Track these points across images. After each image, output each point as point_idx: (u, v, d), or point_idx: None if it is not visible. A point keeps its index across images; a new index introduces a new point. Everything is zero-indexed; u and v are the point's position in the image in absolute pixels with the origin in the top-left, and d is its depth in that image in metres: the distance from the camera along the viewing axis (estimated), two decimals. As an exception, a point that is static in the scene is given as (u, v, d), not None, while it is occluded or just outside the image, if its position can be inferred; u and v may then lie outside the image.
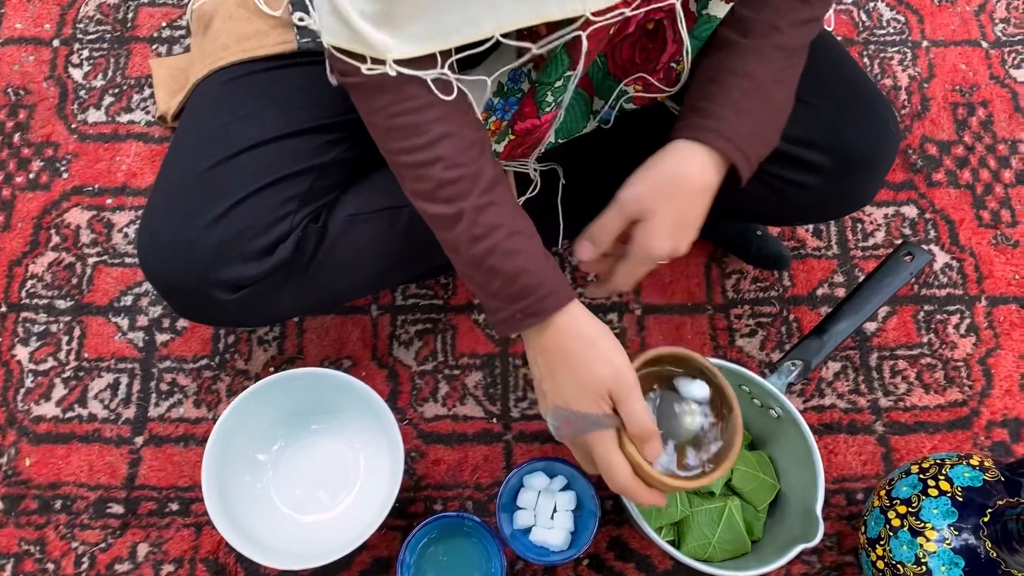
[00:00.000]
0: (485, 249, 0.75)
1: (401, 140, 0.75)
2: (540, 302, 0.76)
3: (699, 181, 0.81)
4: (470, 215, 0.75)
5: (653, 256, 0.81)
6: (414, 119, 0.74)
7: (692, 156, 0.81)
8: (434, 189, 0.75)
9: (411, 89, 0.74)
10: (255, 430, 1.02)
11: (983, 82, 1.34)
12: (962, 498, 0.89)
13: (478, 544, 1.01)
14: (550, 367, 0.78)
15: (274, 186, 0.88)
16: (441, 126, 0.75)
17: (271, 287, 0.89)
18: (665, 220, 0.80)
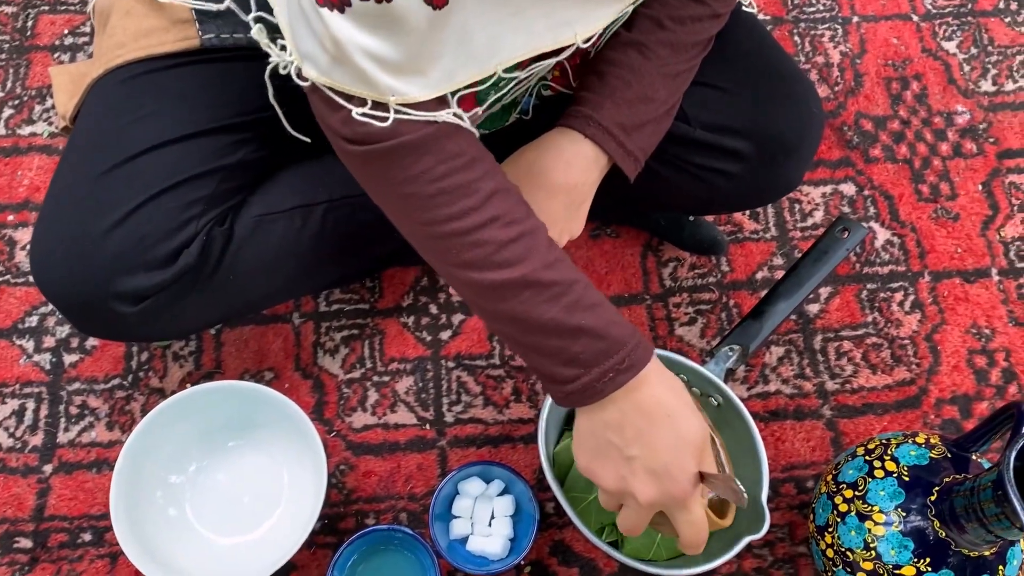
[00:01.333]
0: (566, 308, 0.67)
1: (451, 205, 0.66)
2: (634, 352, 0.68)
3: (561, 176, 0.78)
4: (542, 273, 0.67)
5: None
6: (463, 178, 0.66)
7: (561, 147, 0.78)
8: (492, 254, 0.66)
9: (453, 145, 0.66)
10: (167, 451, 0.96)
11: (915, 55, 1.31)
12: (908, 477, 0.85)
13: (412, 558, 0.96)
14: (645, 427, 0.69)
15: (176, 189, 0.83)
16: (490, 182, 0.67)
17: (176, 297, 0.84)
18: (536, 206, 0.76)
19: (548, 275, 0.67)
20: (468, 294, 0.70)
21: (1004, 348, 1.13)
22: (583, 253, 1.16)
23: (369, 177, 0.70)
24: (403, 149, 0.65)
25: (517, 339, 0.70)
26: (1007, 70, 1.31)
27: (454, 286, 0.72)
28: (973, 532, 0.78)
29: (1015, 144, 1.25)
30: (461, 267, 0.67)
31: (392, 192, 0.68)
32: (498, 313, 0.68)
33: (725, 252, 1.16)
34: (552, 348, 0.68)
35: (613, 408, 0.69)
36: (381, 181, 0.68)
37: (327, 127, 0.69)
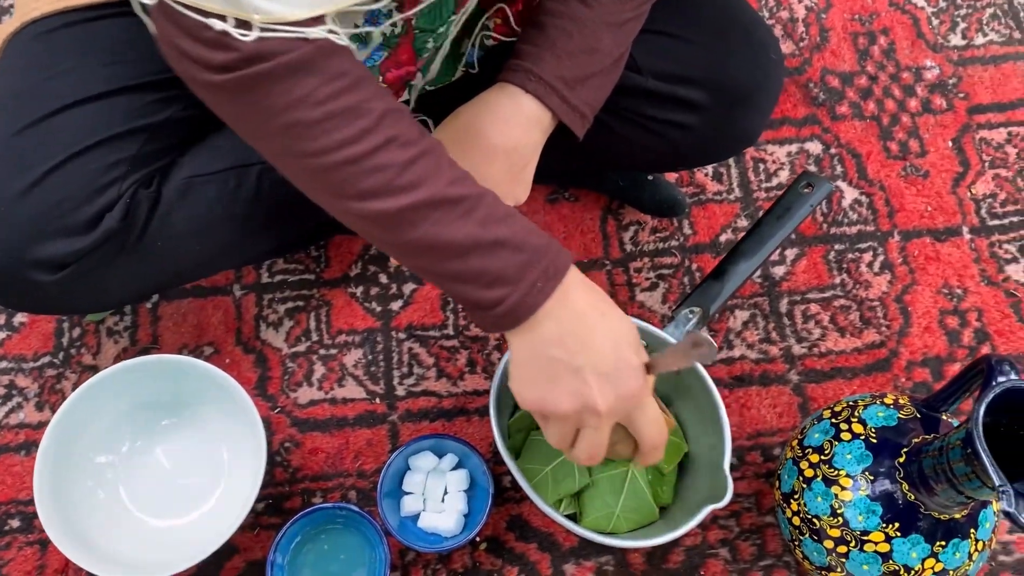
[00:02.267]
0: (480, 222, 0.61)
1: (342, 129, 0.59)
2: (557, 258, 0.63)
3: (499, 137, 0.73)
4: (450, 188, 0.61)
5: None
6: (352, 99, 0.59)
7: (499, 105, 0.74)
8: (394, 178, 0.60)
9: (337, 64, 0.59)
10: (97, 430, 0.91)
11: (883, 9, 1.27)
12: (876, 439, 0.81)
13: (359, 537, 0.91)
14: (584, 332, 0.65)
15: (97, 149, 0.77)
16: (380, 102, 0.60)
17: (100, 264, 0.79)
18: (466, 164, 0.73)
19: (456, 190, 0.61)
20: (373, 228, 0.63)
21: (976, 308, 1.09)
22: (540, 218, 1.11)
23: (241, 111, 0.60)
24: (281, 71, 0.57)
25: (435, 270, 0.64)
26: (977, 23, 1.27)
27: (355, 224, 0.64)
28: (943, 494, 0.74)
29: (985, 99, 1.21)
30: (361, 198, 0.60)
31: (271, 124, 0.59)
32: (410, 244, 0.62)
33: (686, 213, 1.11)
34: (474, 270, 0.62)
35: (548, 322, 0.64)
36: (257, 113, 0.59)
37: (182, 56, 0.59)
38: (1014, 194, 1.16)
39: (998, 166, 1.17)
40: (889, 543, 0.78)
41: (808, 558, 0.84)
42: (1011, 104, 1.21)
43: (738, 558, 0.96)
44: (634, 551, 0.96)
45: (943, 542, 0.77)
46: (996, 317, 1.08)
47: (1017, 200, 1.15)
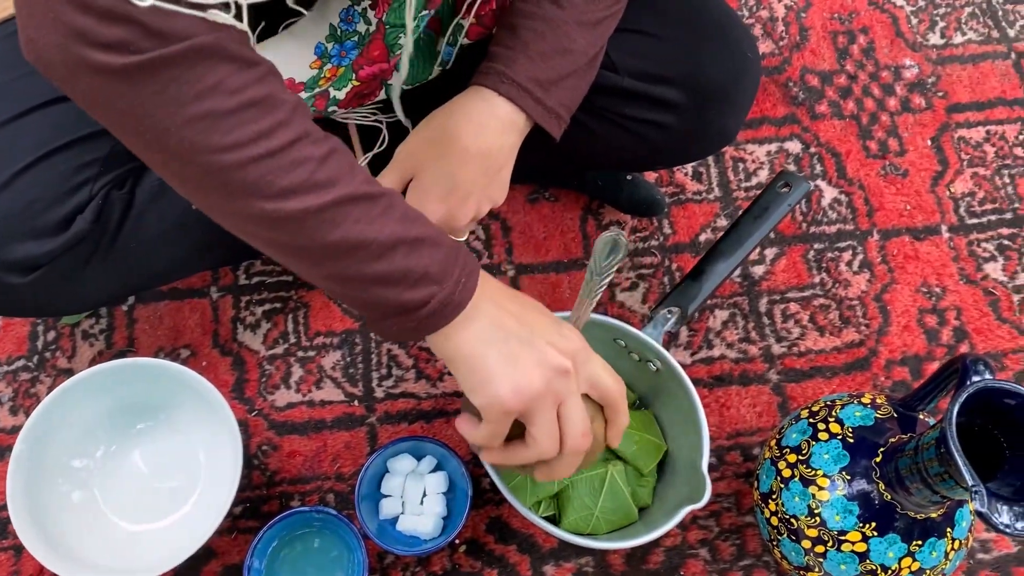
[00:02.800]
0: (400, 220, 0.58)
1: (260, 121, 0.53)
2: (466, 254, 0.62)
3: (474, 140, 0.73)
4: (367, 187, 0.58)
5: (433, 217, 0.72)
6: (266, 89, 0.54)
7: (473, 109, 0.73)
8: (313, 173, 0.55)
9: (249, 51, 0.54)
10: (71, 434, 0.90)
11: (862, 8, 1.27)
12: (853, 439, 0.81)
13: (337, 540, 0.90)
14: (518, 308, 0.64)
15: (68, 149, 0.76)
16: (290, 94, 0.56)
17: (72, 266, 0.78)
18: (435, 182, 0.74)
19: (374, 188, 0.58)
20: (288, 232, 0.56)
21: (955, 306, 1.09)
22: (520, 218, 1.11)
23: (140, 103, 0.52)
24: (193, 54, 0.51)
25: (355, 273, 0.58)
26: (955, 22, 1.27)
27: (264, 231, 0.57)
28: (919, 493, 0.74)
29: (964, 98, 1.22)
30: (281, 196, 0.54)
31: (178, 116, 0.52)
32: (330, 247, 0.57)
33: (665, 212, 1.11)
34: (399, 270, 0.58)
35: (481, 313, 0.62)
36: (163, 104, 0.52)
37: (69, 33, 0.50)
38: (992, 193, 1.16)
39: (976, 165, 1.18)
40: (866, 543, 0.78)
41: (787, 558, 0.84)
42: (989, 103, 1.22)
43: (718, 558, 0.96)
44: (614, 552, 0.96)
45: (920, 541, 0.77)
46: (975, 316, 1.09)
47: (995, 199, 1.16)
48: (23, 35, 0.53)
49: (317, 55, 0.81)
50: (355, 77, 0.83)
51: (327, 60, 0.82)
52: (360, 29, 0.79)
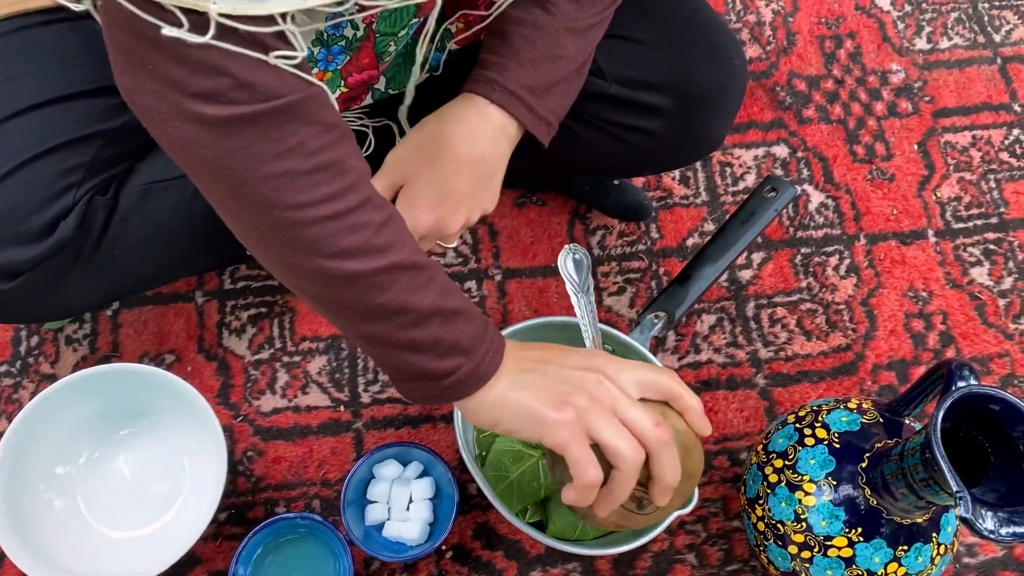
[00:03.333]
0: (440, 291, 0.60)
1: (329, 184, 0.56)
2: (493, 329, 0.64)
3: (466, 148, 0.72)
4: (416, 257, 0.60)
5: (416, 230, 0.71)
6: (338, 153, 0.56)
7: (465, 116, 0.73)
8: (371, 238, 0.57)
9: (329, 113, 0.56)
10: (54, 440, 0.89)
11: (849, 13, 1.27)
12: (839, 444, 0.81)
13: (323, 547, 0.90)
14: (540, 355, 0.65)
15: (52, 155, 0.76)
16: (359, 160, 0.59)
17: (56, 272, 0.77)
18: (426, 189, 0.73)
19: (421, 258, 0.60)
20: (341, 290, 0.59)
21: (942, 311, 1.09)
22: (508, 222, 1.11)
23: (224, 155, 0.54)
24: (282, 114, 0.53)
25: (391, 337, 0.60)
26: (942, 27, 1.27)
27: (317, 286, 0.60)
28: (904, 499, 0.74)
29: (951, 103, 1.22)
30: (339, 256, 0.57)
31: (258, 171, 0.54)
32: (375, 309, 0.59)
33: (652, 217, 1.11)
34: (432, 338, 0.60)
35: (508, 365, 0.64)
36: (246, 158, 0.54)
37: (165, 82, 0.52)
38: (978, 197, 1.16)
39: (963, 169, 1.18)
40: (852, 548, 0.78)
41: (773, 563, 0.84)
42: (975, 108, 1.22)
43: (705, 563, 0.96)
44: (601, 558, 0.95)
45: (905, 546, 0.77)
46: (961, 320, 1.09)
47: (981, 203, 1.16)
48: (119, 81, 0.55)
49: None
50: (343, 84, 0.83)
51: (314, 65, 0.81)
52: (347, 34, 0.79)
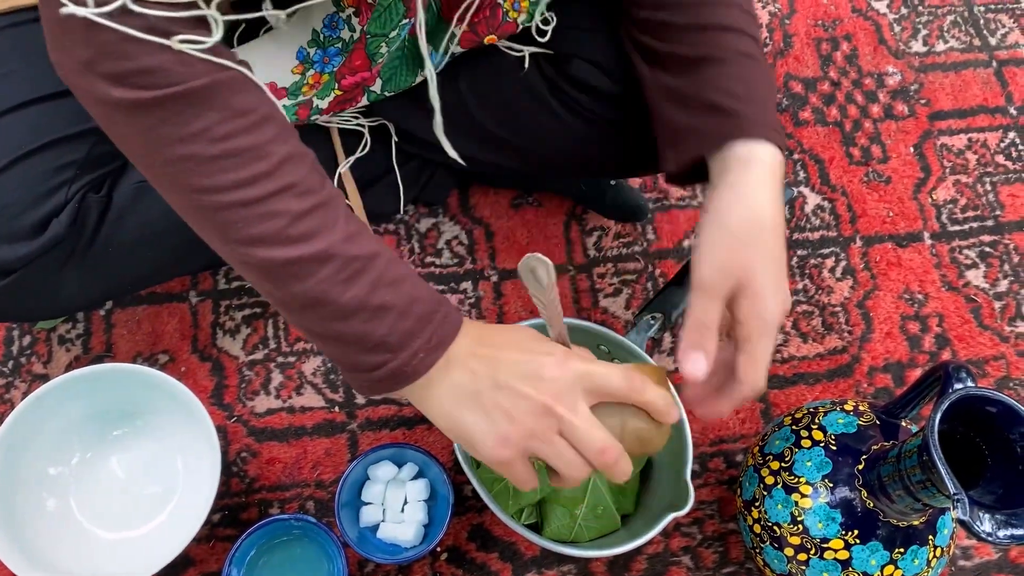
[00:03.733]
0: (368, 285, 0.58)
1: (238, 170, 0.55)
2: (441, 326, 0.60)
3: (774, 207, 0.64)
4: (342, 247, 0.58)
5: (773, 327, 0.64)
6: (253, 139, 0.56)
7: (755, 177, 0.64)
8: (286, 227, 0.56)
9: (242, 100, 0.56)
10: (46, 440, 0.88)
11: (846, 16, 1.28)
12: (836, 447, 0.81)
13: (317, 548, 0.89)
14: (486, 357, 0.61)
15: (44, 152, 0.75)
16: (283, 145, 0.57)
17: (49, 270, 0.77)
18: (767, 278, 0.63)
19: (349, 249, 0.58)
20: (256, 276, 0.59)
21: (937, 313, 1.09)
22: (503, 223, 1.10)
23: (133, 134, 0.56)
24: (183, 100, 0.54)
25: (315, 328, 0.60)
26: (938, 30, 1.27)
27: (239, 269, 0.60)
28: (900, 501, 0.74)
29: (946, 105, 1.22)
30: (247, 244, 0.56)
31: (163, 154, 0.55)
32: (293, 298, 0.58)
33: (648, 218, 1.11)
34: (356, 333, 0.59)
35: (456, 361, 0.60)
36: (149, 139, 0.55)
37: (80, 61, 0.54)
38: (974, 200, 1.16)
39: (959, 172, 1.18)
40: (848, 551, 0.78)
41: (769, 566, 0.84)
42: (971, 111, 1.22)
43: (701, 566, 0.95)
44: (596, 560, 0.95)
45: (902, 549, 0.77)
46: (957, 322, 1.09)
47: (977, 206, 1.16)
48: (49, 55, 0.57)
49: (299, 60, 0.80)
50: (338, 87, 0.83)
51: (309, 66, 0.81)
52: (344, 36, 0.79)
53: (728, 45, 0.67)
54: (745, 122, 0.65)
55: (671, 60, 0.70)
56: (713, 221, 0.64)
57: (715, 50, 0.67)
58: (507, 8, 0.80)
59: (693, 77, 0.68)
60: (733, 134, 0.65)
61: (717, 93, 0.66)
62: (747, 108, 0.65)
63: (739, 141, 0.65)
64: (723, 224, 0.64)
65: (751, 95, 0.66)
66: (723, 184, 0.65)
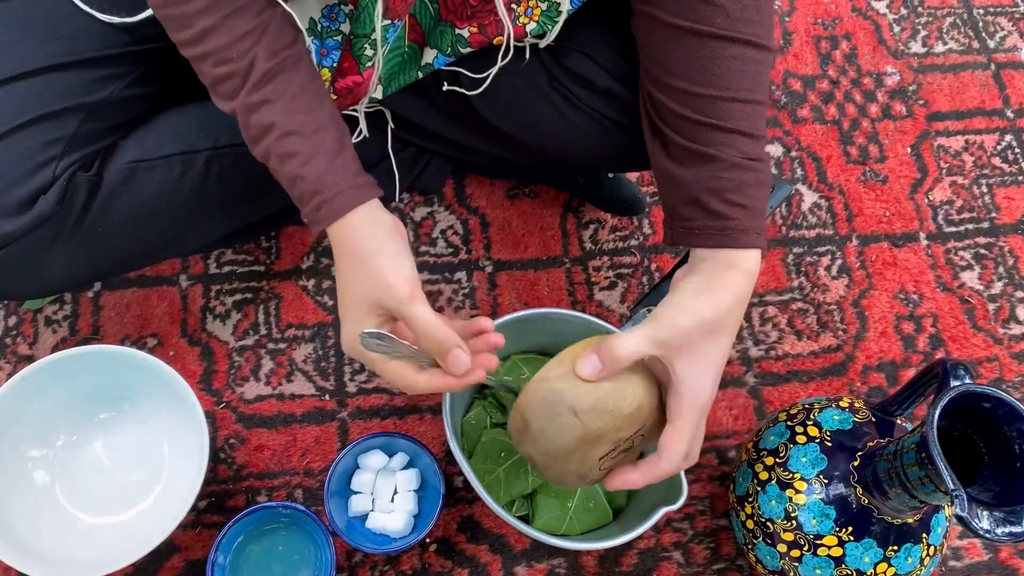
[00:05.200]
0: (263, 152, 0.69)
1: (176, 32, 0.68)
2: (316, 211, 0.68)
3: (739, 312, 0.67)
4: (242, 115, 0.68)
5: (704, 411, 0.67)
6: (179, 10, 0.66)
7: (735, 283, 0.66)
8: (212, 85, 0.69)
9: None
10: (29, 423, 0.86)
11: (845, 15, 1.27)
12: (831, 443, 0.80)
13: (305, 537, 0.88)
14: (341, 267, 0.70)
15: (30, 128, 0.74)
16: (207, 18, 0.66)
17: (35, 248, 0.75)
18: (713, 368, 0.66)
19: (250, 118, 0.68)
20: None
21: (932, 314, 1.09)
22: (499, 214, 1.10)
23: None
24: None
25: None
26: (937, 31, 1.27)
27: None
28: (896, 498, 0.73)
29: (944, 106, 1.22)
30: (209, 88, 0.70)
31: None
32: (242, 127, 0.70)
33: (645, 211, 1.10)
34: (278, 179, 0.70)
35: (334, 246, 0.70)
36: None
37: None
38: (970, 202, 1.16)
39: (955, 173, 1.18)
40: (842, 547, 0.77)
41: (761, 562, 0.84)
42: (969, 112, 1.22)
43: (691, 561, 0.95)
44: (587, 553, 0.94)
45: (895, 547, 0.77)
46: (950, 323, 1.09)
47: (973, 208, 1.16)
48: None
49: None
50: (333, 90, 0.82)
51: None
52: (344, 29, 0.78)
53: (734, 146, 0.67)
54: (739, 232, 0.66)
55: (676, 147, 0.70)
56: (679, 297, 0.66)
57: (720, 150, 0.67)
58: (519, 13, 0.79)
59: (695, 171, 0.68)
60: (726, 242, 0.67)
61: (715, 197, 0.67)
62: (743, 217, 0.67)
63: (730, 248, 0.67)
64: (686, 306, 0.65)
65: (748, 202, 0.67)
66: (705, 274, 0.67)
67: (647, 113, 0.74)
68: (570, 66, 0.84)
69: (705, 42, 0.67)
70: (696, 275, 0.68)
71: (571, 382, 0.64)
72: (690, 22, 0.67)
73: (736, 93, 0.67)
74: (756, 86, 0.68)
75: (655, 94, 0.71)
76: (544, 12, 0.79)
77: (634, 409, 0.65)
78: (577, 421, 0.63)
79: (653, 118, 0.72)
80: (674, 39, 0.68)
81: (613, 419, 0.64)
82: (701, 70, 0.67)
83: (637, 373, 0.66)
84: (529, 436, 0.66)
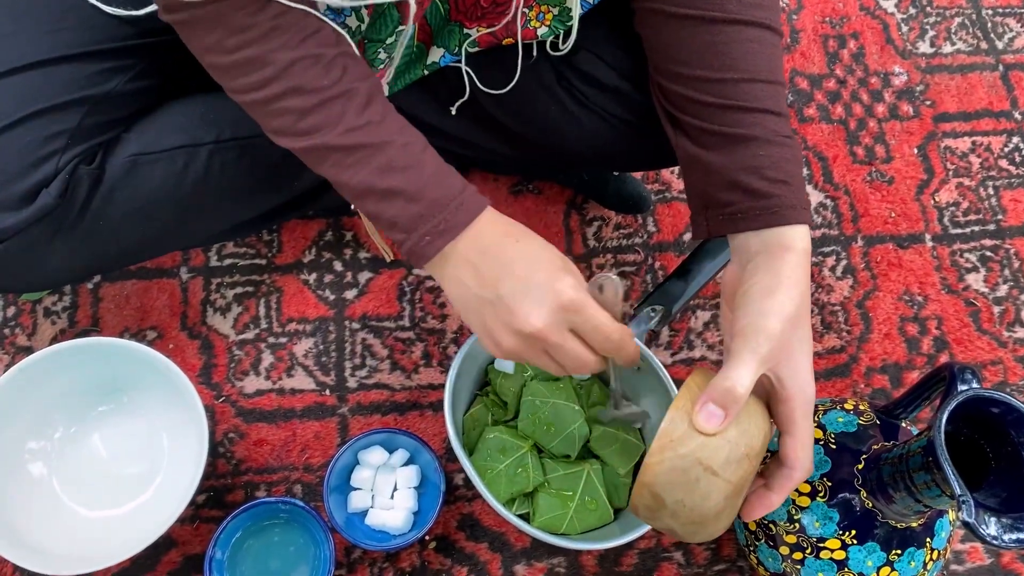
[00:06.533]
0: (376, 171, 0.65)
1: (247, 76, 0.65)
2: (455, 214, 0.65)
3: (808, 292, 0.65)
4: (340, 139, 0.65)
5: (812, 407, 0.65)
6: (256, 51, 0.64)
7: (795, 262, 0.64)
8: (294, 123, 0.66)
9: (243, 18, 0.63)
10: (27, 415, 0.86)
11: (853, 13, 1.26)
12: (835, 445, 0.80)
13: (305, 533, 0.88)
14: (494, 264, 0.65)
15: (32, 120, 0.73)
16: (288, 52, 0.64)
17: (36, 241, 0.75)
18: (807, 361, 0.64)
19: (350, 139, 0.65)
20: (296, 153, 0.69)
21: (936, 316, 1.08)
22: (503, 210, 1.06)
23: (191, 48, 0.68)
24: (194, 21, 0.64)
25: (351, 200, 0.68)
26: (945, 32, 1.26)
27: None
28: (901, 502, 0.73)
29: (951, 108, 1.21)
30: (273, 133, 0.68)
31: (202, 60, 0.67)
32: (325, 176, 0.68)
33: (650, 210, 1.09)
34: (372, 212, 0.67)
35: (451, 266, 0.66)
36: (193, 49, 0.67)
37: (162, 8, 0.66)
38: (976, 204, 1.16)
39: (962, 175, 1.17)
40: (845, 551, 0.76)
41: (763, 564, 0.83)
42: (976, 114, 1.21)
43: (692, 562, 0.94)
44: (587, 553, 0.94)
45: (899, 551, 0.76)
46: (955, 326, 1.08)
47: (979, 210, 1.15)
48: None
49: None
50: None
51: None
52: (351, 24, 0.77)
53: (764, 125, 0.66)
54: (786, 208, 0.65)
55: (704, 134, 0.69)
56: (755, 303, 0.63)
57: (751, 129, 0.66)
58: (531, 17, 0.79)
59: (728, 155, 0.67)
60: (774, 221, 0.65)
61: (755, 176, 0.66)
62: (787, 193, 0.65)
63: (779, 226, 0.65)
64: (768, 309, 0.62)
65: (789, 178, 0.66)
66: (764, 266, 0.64)
67: (663, 108, 0.73)
68: (578, 64, 0.83)
69: (720, 28, 0.66)
70: (756, 272, 0.65)
71: (695, 441, 0.59)
72: (702, 11, 0.66)
73: (757, 75, 0.66)
74: (775, 67, 0.68)
75: (670, 87, 0.70)
76: (556, 16, 0.79)
77: (763, 439, 0.62)
78: (718, 480, 0.59)
79: (671, 111, 0.71)
80: (688, 29, 0.67)
81: (750, 461, 0.61)
82: (720, 56, 0.66)
83: None
84: (666, 512, 0.61)
